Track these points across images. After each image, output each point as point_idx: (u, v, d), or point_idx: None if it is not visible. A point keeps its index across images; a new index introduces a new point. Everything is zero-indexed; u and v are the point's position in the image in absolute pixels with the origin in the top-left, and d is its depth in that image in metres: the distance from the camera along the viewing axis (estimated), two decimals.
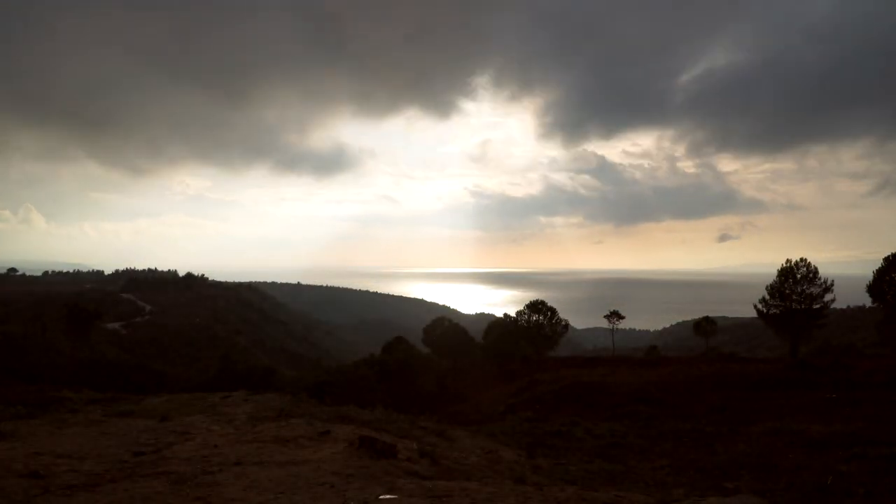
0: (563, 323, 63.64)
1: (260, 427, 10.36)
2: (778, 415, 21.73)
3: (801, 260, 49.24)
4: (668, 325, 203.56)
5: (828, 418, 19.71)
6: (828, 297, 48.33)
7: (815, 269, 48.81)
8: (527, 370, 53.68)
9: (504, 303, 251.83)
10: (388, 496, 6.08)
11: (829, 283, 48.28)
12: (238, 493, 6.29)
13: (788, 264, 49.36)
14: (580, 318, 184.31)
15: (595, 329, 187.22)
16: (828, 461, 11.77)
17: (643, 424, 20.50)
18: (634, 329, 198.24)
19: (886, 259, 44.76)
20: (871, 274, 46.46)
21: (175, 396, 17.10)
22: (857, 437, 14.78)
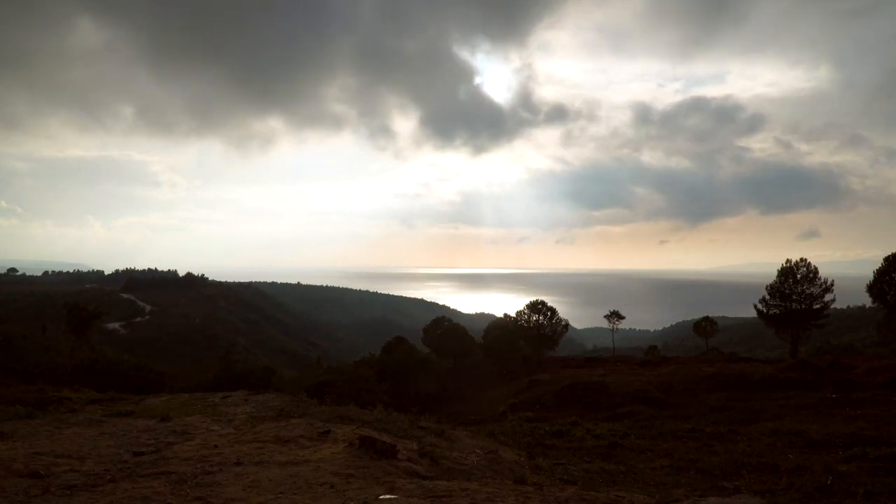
0: (563, 323, 63.55)
1: (260, 427, 10.35)
2: (778, 415, 21.73)
3: (801, 260, 49.21)
4: (668, 325, 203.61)
5: (828, 418, 19.72)
6: (828, 297, 48.30)
7: (816, 269, 48.79)
8: (527, 370, 53.69)
9: None
10: (388, 496, 6.08)
11: (829, 283, 48.25)
12: (238, 493, 6.29)
13: (788, 264, 49.34)
14: (580, 318, 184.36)
15: (595, 329, 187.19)
16: (828, 461, 11.77)
17: (643, 424, 20.51)
18: (634, 329, 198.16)
19: (886, 259, 44.66)
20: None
21: (175, 396, 17.10)
22: (857, 437, 14.78)
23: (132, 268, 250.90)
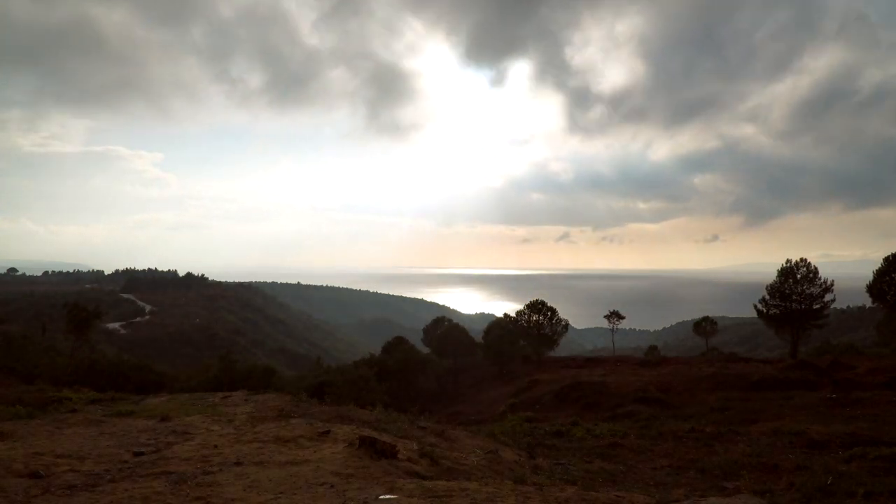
0: (563, 323, 63.55)
1: (260, 427, 10.35)
2: (778, 415, 21.76)
3: (802, 260, 49.21)
4: (668, 325, 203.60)
5: (828, 418, 19.73)
6: (828, 297, 48.29)
7: (816, 269, 48.78)
8: (527, 370, 53.71)
9: None
10: (388, 496, 6.08)
11: (829, 283, 48.24)
12: (238, 493, 6.29)
13: (788, 264, 49.33)
14: (580, 318, 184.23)
15: (595, 329, 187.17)
16: (828, 461, 11.78)
17: (643, 424, 20.51)
18: (634, 329, 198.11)
19: (886, 259, 44.65)
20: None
21: (175, 396, 17.08)
22: (857, 437, 14.79)
23: (132, 268, 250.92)
